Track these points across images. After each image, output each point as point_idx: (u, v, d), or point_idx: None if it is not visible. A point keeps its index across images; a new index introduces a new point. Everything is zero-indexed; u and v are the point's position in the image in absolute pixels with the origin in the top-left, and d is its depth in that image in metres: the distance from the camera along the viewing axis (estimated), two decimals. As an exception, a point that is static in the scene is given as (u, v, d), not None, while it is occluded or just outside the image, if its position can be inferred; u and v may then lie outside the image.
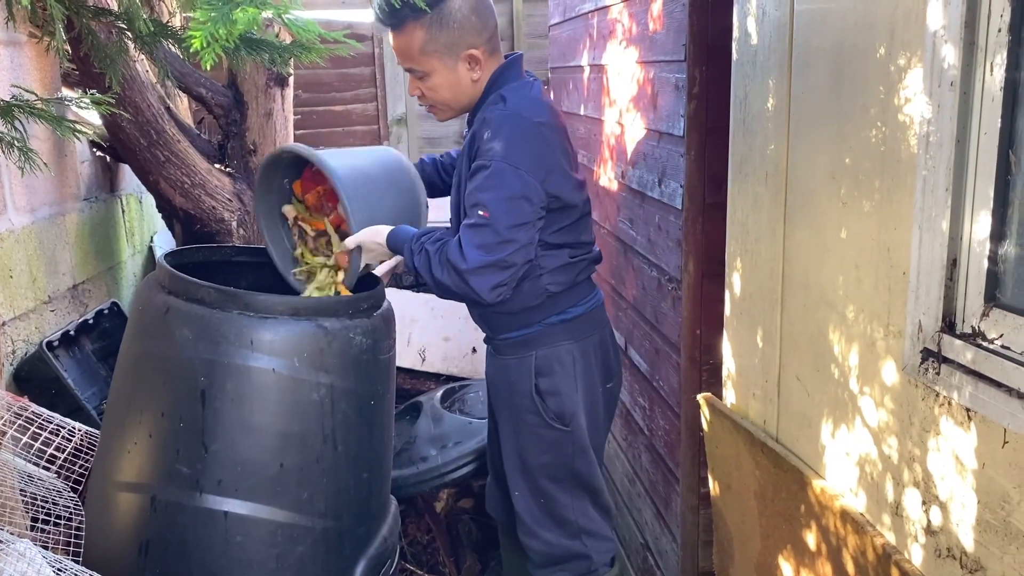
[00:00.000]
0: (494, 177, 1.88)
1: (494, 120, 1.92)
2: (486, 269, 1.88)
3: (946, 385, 1.24)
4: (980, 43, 1.15)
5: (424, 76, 1.99)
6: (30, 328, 2.55)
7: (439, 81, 1.99)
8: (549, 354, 2.11)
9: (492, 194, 1.88)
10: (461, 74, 1.99)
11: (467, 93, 2.03)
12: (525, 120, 1.94)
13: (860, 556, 1.48)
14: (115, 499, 1.84)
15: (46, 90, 2.70)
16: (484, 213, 1.87)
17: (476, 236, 1.88)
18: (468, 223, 1.91)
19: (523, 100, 1.98)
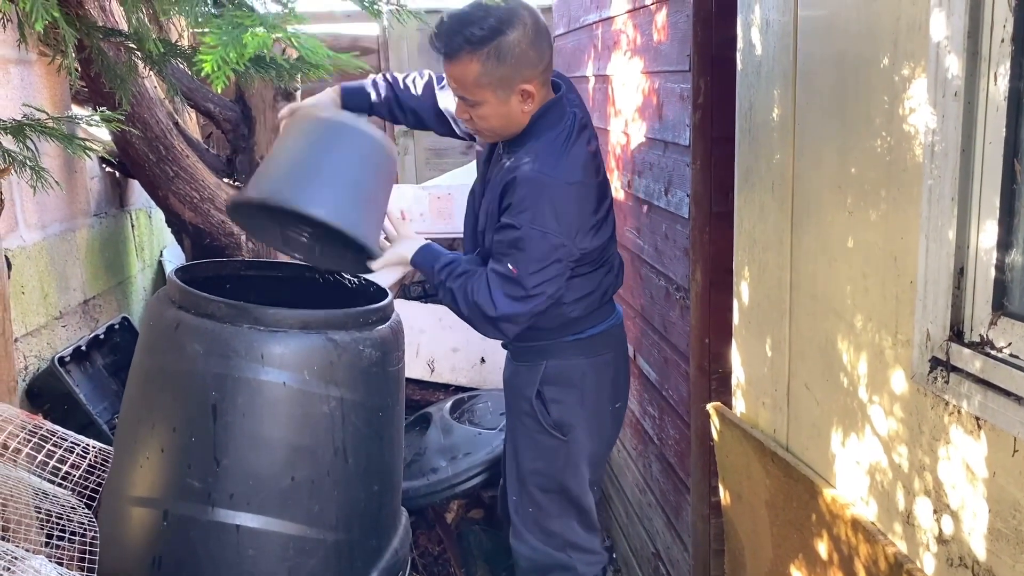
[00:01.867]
0: (524, 241, 1.91)
1: (525, 183, 1.92)
2: (513, 317, 1.94)
3: (955, 394, 1.24)
4: (983, 53, 1.16)
5: (475, 105, 1.97)
6: (42, 344, 2.57)
7: (489, 112, 1.97)
8: (560, 365, 2.13)
9: (521, 255, 1.91)
10: (513, 107, 1.96)
11: (517, 123, 2.01)
12: (559, 184, 1.94)
13: (872, 565, 1.48)
14: (128, 514, 1.85)
15: (56, 108, 2.73)
16: (513, 269, 1.91)
17: (505, 286, 1.93)
18: (497, 270, 1.94)
19: (556, 158, 1.96)
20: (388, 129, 5.35)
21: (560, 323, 2.11)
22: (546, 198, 1.91)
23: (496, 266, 1.95)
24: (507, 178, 1.96)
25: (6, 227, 2.33)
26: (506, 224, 1.93)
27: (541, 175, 1.93)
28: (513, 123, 2.00)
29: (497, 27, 1.86)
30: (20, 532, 1.59)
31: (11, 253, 2.35)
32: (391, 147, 2.08)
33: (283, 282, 2.29)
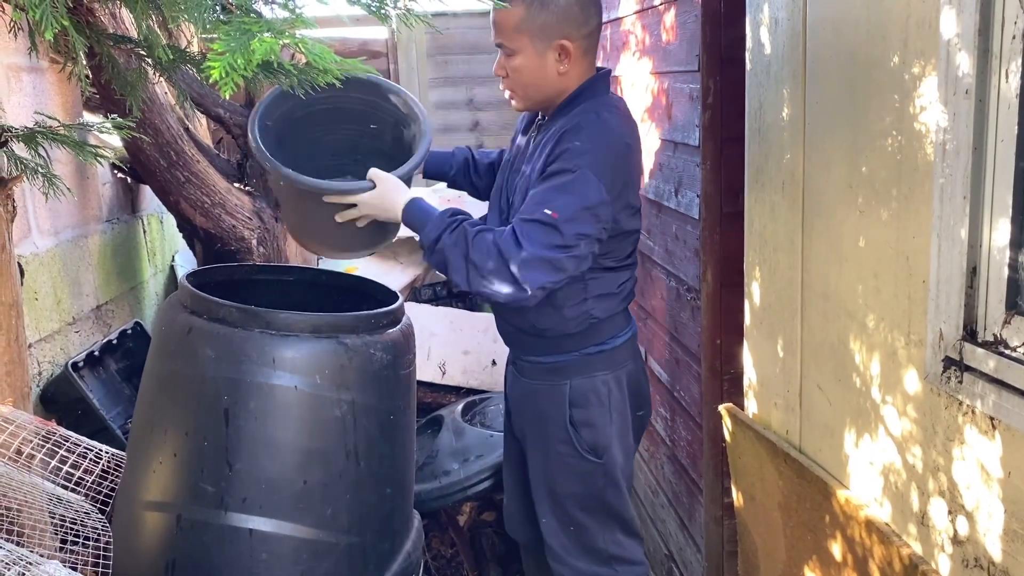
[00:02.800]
0: (577, 183, 1.82)
1: (588, 127, 1.87)
2: (541, 263, 1.81)
3: (969, 394, 1.23)
4: (995, 50, 1.15)
5: (512, 54, 1.92)
6: (55, 349, 2.58)
7: (524, 63, 1.91)
8: (584, 384, 2.04)
9: (568, 199, 1.82)
10: (548, 62, 1.91)
11: (550, 84, 1.95)
12: (617, 136, 1.91)
13: (886, 567, 1.47)
14: (141, 518, 1.85)
15: (68, 115, 2.74)
16: (552, 213, 1.81)
17: (537, 231, 1.81)
18: (528, 218, 1.83)
19: (618, 117, 1.94)
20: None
21: (585, 327, 2.04)
22: (609, 145, 1.86)
23: (527, 216, 1.83)
24: (567, 126, 1.89)
25: (19, 234, 2.34)
26: (557, 170, 1.84)
27: (605, 125, 1.88)
28: (546, 84, 1.94)
29: None
30: (35, 537, 1.60)
31: (24, 260, 2.37)
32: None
33: (294, 286, 2.29)
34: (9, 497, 1.55)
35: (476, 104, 5.33)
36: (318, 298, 2.24)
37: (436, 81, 5.29)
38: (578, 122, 1.90)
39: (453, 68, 5.28)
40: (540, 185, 1.87)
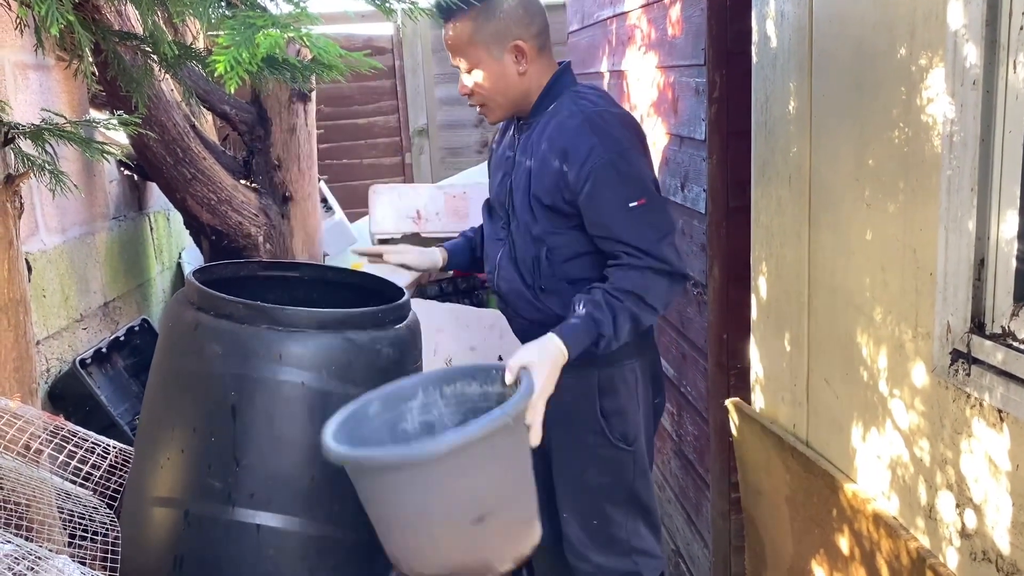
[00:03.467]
0: (628, 165, 1.83)
1: (594, 117, 1.88)
2: (668, 241, 1.82)
3: (977, 386, 1.23)
4: (1002, 41, 1.14)
5: (471, 68, 1.97)
6: (63, 346, 2.59)
7: (486, 72, 1.96)
8: (612, 373, 2.01)
9: (633, 181, 1.83)
10: (507, 66, 1.96)
11: (514, 87, 1.98)
12: (620, 114, 1.95)
13: (894, 560, 1.47)
14: (149, 514, 1.86)
15: (74, 112, 2.75)
16: (640, 200, 1.81)
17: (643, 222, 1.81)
18: (627, 221, 1.81)
19: (603, 99, 1.98)
20: (403, 129, 5.37)
21: None
22: (619, 123, 1.89)
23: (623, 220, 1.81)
24: (561, 129, 1.89)
25: (27, 231, 2.35)
26: (602, 163, 1.81)
27: (603, 109, 1.92)
28: (511, 88, 1.98)
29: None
30: (43, 532, 1.60)
31: (32, 257, 2.37)
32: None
33: (300, 282, 2.29)
34: (18, 492, 1.55)
35: (482, 100, 5.32)
36: (324, 294, 2.24)
37: (441, 77, 5.29)
38: (586, 114, 1.89)
39: (458, 64, 5.28)
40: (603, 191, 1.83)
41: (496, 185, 2.14)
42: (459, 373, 1.73)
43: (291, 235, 3.22)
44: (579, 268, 1.94)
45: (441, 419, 1.71)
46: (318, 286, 2.30)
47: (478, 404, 1.70)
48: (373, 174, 5.38)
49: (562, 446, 2.08)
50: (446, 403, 1.72)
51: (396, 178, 5.41)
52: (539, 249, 1.96)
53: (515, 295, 2.04)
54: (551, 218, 1.93)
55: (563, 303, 1.95)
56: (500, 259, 2.07)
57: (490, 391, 1.70)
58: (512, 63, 1.96)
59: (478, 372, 1.72)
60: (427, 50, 5.21)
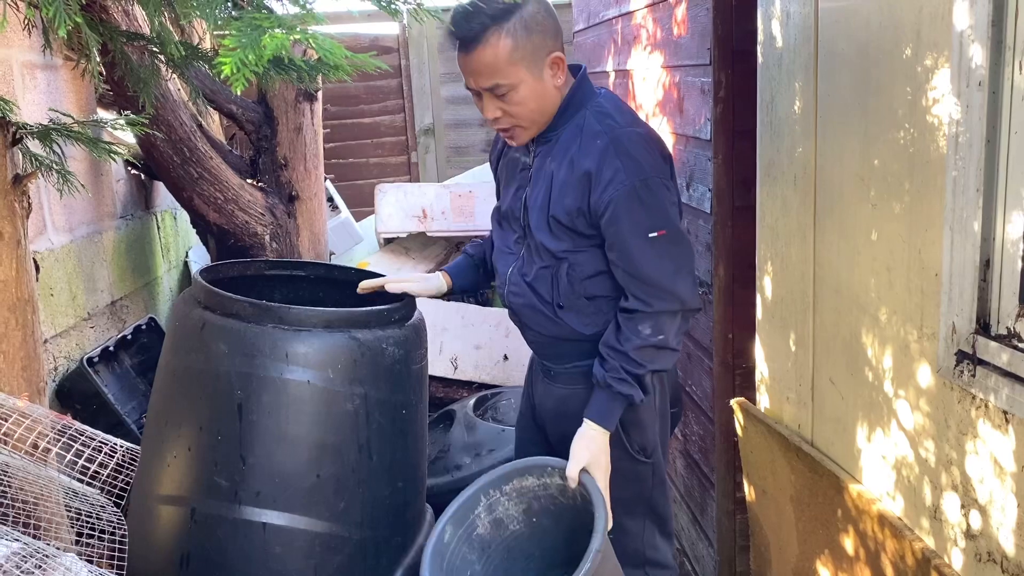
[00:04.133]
0: (652, 193, 1.75)
1: (620, 138, 1.77)
2: (684, 278, 1.77)
3: (982, 387, 1.23)
4: (1008, 42, 1.14)
5: (509, 90, 1.80)
6: (71, 345, 2.61)
7: (526, 93, 1.80)
8: None
9: (657, 211, 1.75)
10: (547, 82, 1.82)
11: (552, 103, 1.85)
12: (646, 134, 1.83)
13: (899, 560, 1.47)
14: (156, 512, 1.87)
15: (82, 112, 2.76)
16: (660, 232, 1.74)
17: (661, 254, 1.75)
18: (645, 252, 1.75)
19: (626, 111, 1.86)
20: (409, 128, 5.38)
21: None
22: (645, 146, 1.78)
23: (638, 246, 1.75)
24: (583, 149, 1.80)
25: (34, 230, 2.36)
26: (627, 190, 1.73)
27: (631, 129, 1.80)
28: (549, 103, 1.85)
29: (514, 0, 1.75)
30: (51, 531, 1.62)
31: (40, 256, 2.39)
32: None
33: (306, 282, 2.30)
34: (26, 491, 1.56)
35: (487, 99, 5.33)
36: (330, 293, 2.25)
37: (447, 76, 5.30)
38: (612, 134, 1.79)
39: (464, 63, 5.29)
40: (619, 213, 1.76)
41: (510, 198, 2.02)
42: (514, 472, 1.86)
43: (297, 234, 3.23)
44: (599, 286, 1.87)
45: (507, 512, 1.87)
46: (324, 285, 2.30)
47: (539, 493, 1.85)
48: (379, 173, 5.39)
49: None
50: (508, 499, 1.86)
51: (402, 177, 5.42)
52: (559, 266, 1.88)
53: (529, 310, 1.96)
54: (571, 237, 1.84)
55: (581, 320, 1.90)
56: (511, 274, 1.98)
57: (548, 482, 1.83)
58: (550, 78, 1.83)
59: (533, 468, 1.85)
60: (433, 49, 5.22)
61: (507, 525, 1.88)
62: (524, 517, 1.88)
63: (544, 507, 1.86)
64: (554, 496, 1.84)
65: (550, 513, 1.87)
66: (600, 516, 1.65)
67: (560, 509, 1.85)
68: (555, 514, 1.86)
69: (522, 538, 1.89)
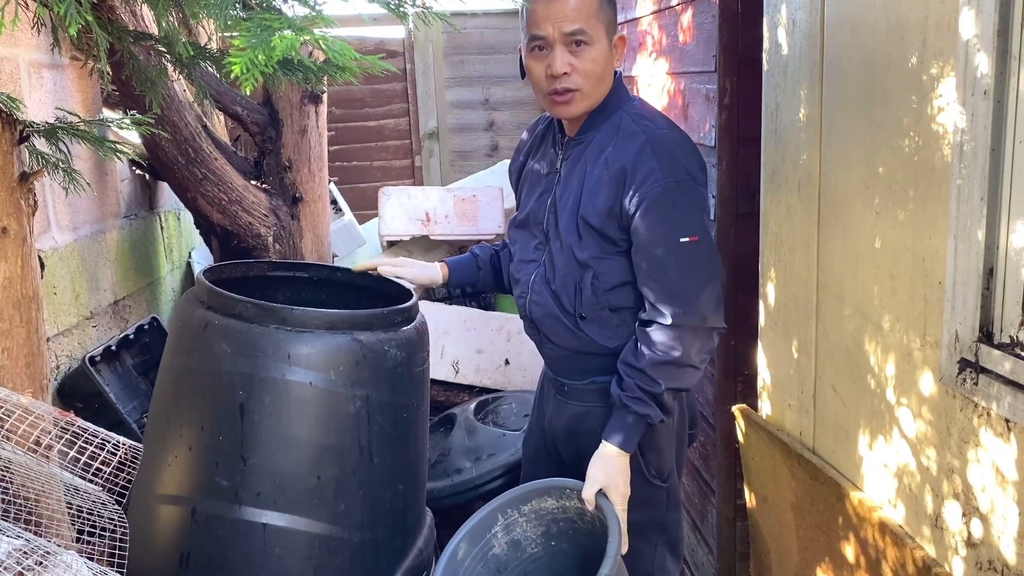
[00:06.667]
0: (689, 195, 1.70)
1: (658, 139, 1.73)
2: (711, 293, 1.71)
3: (985, 395, 1.23)
4: (1013, 51, 1.14)
5: (587, 45, 1.73)
6: (73, 344, 2.61)
7: (599, 55, 1.74)
8: None
9: (692, 215, 1.70)
10: (611, 57, 1.78)
11: (608, 82, 1.80)
12: (683, 138, 1.78)
13: (900, 568, 1.47)
14: (156, 511, 1.87)
15: (88, 111, 2.77)
16: (693, 237, 1.69)
17: (689, 262, 1.70)
18: (669, 255, 1.70)
19: (663, 119, 1.82)
20: (413, 131, 5.39)
21: None
22: (687, 150, 1.74)
23: (668, 251, 1.69)
24: (619, 149, 1.75)
25: (39, 228, 2.37)
26: (667, 187, 1.69)
27: (673, 132, 1.76)
28: (607, 80, 1.80)
29: None
30: (52, 528, 1.61)
31: (43, 254, 2.39)
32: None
33: (309, 283, 2.31)
34: (28, 487, 1.57)
35: (492, 104, 5.35)
36: (333, 295, 2.25)
37: (452, 80, 5.31)
38: (650, 137, 1.74)
39: (469, 68, 5.30)
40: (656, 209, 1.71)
41: (533, 202, 1.96)
42: (532, 492, 1.82)
43: (301, 236, 3.24)
44: (623, 297, 1.82)
45: (525, 534, 1.84)
46: (327, 287, 2.31)
47: (558, 516, 1.82)
48: (383, 176, 5.40)
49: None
50: (526, 520, 1.83)
51: (406, 180, 5.42)
52: (583, 274, 1.82)
53: (550, 320, 1.90)
54: (599, 242, 1.79)
55: (603, 332, 1.85)
56: (533, 282, 1.92)
57: (567, 505, 1.80)
58: (614, 54, 1.79)
59: (551, 489, 1.81)
60: (438, 53, 5.23)
61: (525, 547, 1.85)
62: (543, 540, 1.84)
63: (563, 531, 1.83)
64: (573, 520, 1.81)
65: (568, 537, 1.83)
66: (613, 541, 1.61)
67: (578, 534, 1.82)
68: (573, 539, 1.83)
69: (540, 561, 1.86)
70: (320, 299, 2.27)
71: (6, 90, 1.92)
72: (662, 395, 1.72)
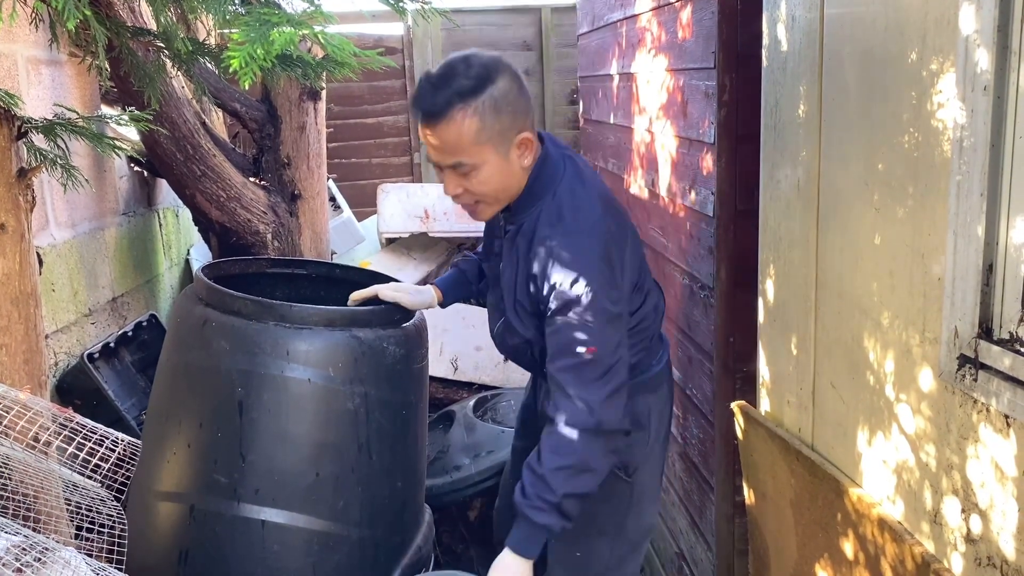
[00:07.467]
0: (589, 310, 1.70)
1: (564, 245, 1.72)
2: (611, 400, 1.72)
3: (984, 391, 1.23)
4: (1013, 47, 1.14)
5: (473, 169, 1.71)
6: (72, 340, 2.61)
7: (491, 173, 1.72)
8: (628, 406, 1.92)
9: (591, 329, 1.70)
10: (513, 162, 1.74)
11: (517, 183, 1.78)
12: (592, 233, 1.74)
13: (899, 565, 1.47)
14: (155, 508, 1.87)
15: (86, 108, 2.76)
16: (590, 349, 1.70)
17: (586, 373, 1.71)
18: (569, 364, 1.71)
19: (581, 208, 1.77)
20: (412, 128, 5.38)
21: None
22: (591, 250, 1.72)
23: (566, 362, 1.72)
24: (534, 252, 1.76)
25: (37, 225, 2.36)
26: (565, 301, 1.70)
27: (575, 230, 1.74)
28: (514, 184, 1.78)
29: (485, 75, 1.67)
30: (51, 524, 1.62)
31: (42, 251, 2.39)
32: None
33: (308, 280, 2.31)
34: (26, 483, 1.57)
35: (491, 101, 5.34)
36: (332, 292, 2.25)
37: (451, 78, 5.30)
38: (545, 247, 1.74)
39: (468, 65, 5.30)
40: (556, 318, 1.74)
41: (491, 258, 2.00)
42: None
43: (299, 233, 3.24)
44: None
45: None
46: (325, 283, 2.31)
47: None
48: (381, 173, 5.40)
49: None
50: None
51: (404, 178, 5.42)
52: (531, 347, 1.89)
53: (525, 360, 2.00)
54: (538, 323, 1.82)
55: None
56: (497, 331, 1.99)
57: None
58: (517, 158, 1.75)
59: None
60: (437, 50, 5.23)
61: None
62: None
63: None
64: None
65: None
66: None
67: None
68: None
69: None
70: (319, 296, 2.27)
71: (4, 86, 1.91)
72: (560, 503, 1.71)
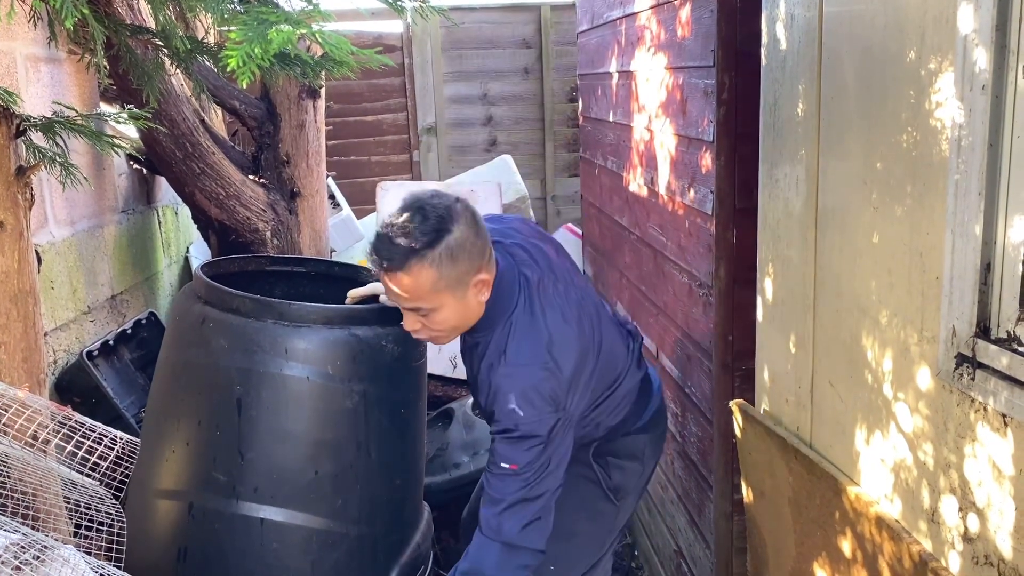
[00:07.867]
0: (519, 445, 1.76)
1: (503, 387, 1.77)
2: (520, 511, 1.77)
3: (981, 390, 1.23)
4: (1012, 46, 1.14)
5: (432, 311, 1.75)
6: (71, 338, 2.61)
7: (448, 315, 1.76)
8: (623, 440, 2.07)
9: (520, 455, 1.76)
10: (471, 301, 1.78)
11: (475, 315, 1.82)
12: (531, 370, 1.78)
13: (896, 563, 1.47)
14: (154, 506, 1.87)
15: (85, 106, 2.76)
16: (513, 466, 1.76)
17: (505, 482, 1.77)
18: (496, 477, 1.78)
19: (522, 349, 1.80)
20: (411, 126, 5.38)
21: (607, 433, 2.04)
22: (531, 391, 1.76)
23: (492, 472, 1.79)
24: (483, 378, 1.83)
25: (36, 223, 2.36)
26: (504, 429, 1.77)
27: (517, 373, 1.78)
28: (472, 317, 1.82)
29: (440, 226, 1.68)
30: (50, 522, 1.62)
31: (41, 249, 2.39)
32: None
33: (307, 278, 2.31)
34: (25, 481, 1.57)
35: (490, 98, 5.34)
36: (331, 290, 2.26)
37: (450, 75, 5.30)
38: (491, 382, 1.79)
39: (467, 62, 5.29)
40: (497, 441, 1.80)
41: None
42: None
43: (298, 231, 3.24)
44: None
45: None
46: (324, 281, 2.31)
47: None
48: (381, 171, 5.40)
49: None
50: None
51: (404, 175, 5.42)
52: None
53: None
54: None
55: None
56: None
57: None
58: (475, 296, 1.78)
59: None
60: (436, 48, 5.22)
61: None
62: None
63: None
64: None
65: None
66: None
67: None
68: None
69: None
70: (318, 294, 2.27)
71: (3, 84, 1.91)
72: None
